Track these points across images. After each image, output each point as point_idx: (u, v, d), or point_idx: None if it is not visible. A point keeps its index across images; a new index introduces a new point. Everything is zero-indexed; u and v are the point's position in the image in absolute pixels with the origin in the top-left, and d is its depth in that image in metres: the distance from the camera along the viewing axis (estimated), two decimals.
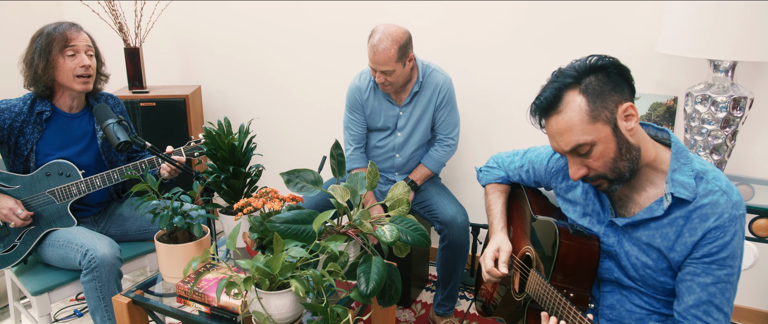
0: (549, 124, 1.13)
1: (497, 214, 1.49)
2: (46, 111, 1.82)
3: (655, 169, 1.16)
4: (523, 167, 1.49)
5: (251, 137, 1.75)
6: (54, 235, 1.78)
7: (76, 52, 1.79)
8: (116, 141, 1.58)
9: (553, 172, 1.38)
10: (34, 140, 1.80)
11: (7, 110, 1.79)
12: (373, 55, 2.01)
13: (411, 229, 1.49)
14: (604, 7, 2.22)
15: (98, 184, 1.81)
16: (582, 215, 1.30)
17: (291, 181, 1.59)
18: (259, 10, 2.87)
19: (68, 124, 1.88)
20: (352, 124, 2.29)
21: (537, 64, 2.40)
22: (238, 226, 1.37)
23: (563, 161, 1.36)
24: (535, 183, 1.48)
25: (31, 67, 1.77)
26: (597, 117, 1.08)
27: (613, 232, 1.23)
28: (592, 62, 1.11)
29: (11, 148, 1.81)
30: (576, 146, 1.10)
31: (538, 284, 1.23)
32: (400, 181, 1.53)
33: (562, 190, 1.36)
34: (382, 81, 2.08)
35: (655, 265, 1.16)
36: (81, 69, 1.79)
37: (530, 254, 1.35)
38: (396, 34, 2.00)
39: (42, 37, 1.77)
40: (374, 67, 2.05)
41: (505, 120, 2.53)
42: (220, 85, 3.11)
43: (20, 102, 1.82)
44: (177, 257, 1.57)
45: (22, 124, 1.79)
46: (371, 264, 1.43)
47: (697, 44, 1.83)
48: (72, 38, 1.78)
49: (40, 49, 1.75)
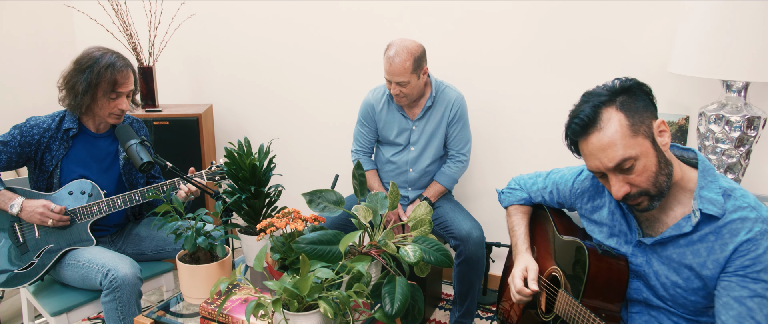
0: (588, 142, 1.13)
1: (521, 235, 1.50)
2: (73, 128, 1.85)
3: (682, 188, 1.17)
4: (546, 189, 1.50)
5: (272, 157, 1.77)
6: (73, 254, 1.78)
7: (118, 96, 1.83)
8: (139, 161, 1.60)
9: (578, 194, 1.39)
10: (60, 157, 1.82)
11: (36, 126, 1.81)
12: (389, 66, 2.08)
13: (433, 249, 1.50)
14: (615, 26, 2.25)
15: (119, 204, 1.82)
16: (608, 236, 1.31)
17: (313, 202, 1.60)
18: (269, 30, 2.90)
19: (93, 143, 1.90)
20: (361, 137, 2.39)
21: (547, 82, 2.43)
22: (266, 247, 1.37)
23: (589, 182, 1.37)
24: (558, 204, 1.49)
25: (72, 91, 1.80)
26: (637, 131, 1.10)
27: (641, 252, 1.24)
28: (619, 83, 1.13)
29: (37, 164, 1.83)
30: (621, 161, 1.10)
31: (568, 304, 1.23)
32: (422, 202, 1.54)
33: (588, 211, 1.37)
34: (397, 92, 2.14)
35: (686, 284, 1.17)
36: (117, 111, 1.84)
37: (557, 274, 1.36)
38: (411, 47, 2.08)
39: (92, 70, 1.78)
40: (390, 78, 2.12)
41: (515, 138, 2.55)
42: (231, 104, 3.13)
43: (49, 118, 1.85)
44: (200, 278, 1.57)
45: (49, 140, 1.82)
46: (395, 284, 1.43)
47: (710, 65, 1.85)
48: (121, 84, 1.82)
49: (88, 83, 1.78)
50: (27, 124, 1.82)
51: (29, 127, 1.81)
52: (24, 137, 1.79)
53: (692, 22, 1.88)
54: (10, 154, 1.78)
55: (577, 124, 1.13)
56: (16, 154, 1.79)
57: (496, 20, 2.45)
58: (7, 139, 1.78)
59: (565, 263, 1.33)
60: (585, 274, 1.21)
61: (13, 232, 1.77)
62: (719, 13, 1.79)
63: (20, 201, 1.75)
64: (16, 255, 1.76)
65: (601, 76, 2.33)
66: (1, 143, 1.78)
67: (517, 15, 2.41)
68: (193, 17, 2.97)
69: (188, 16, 2.96)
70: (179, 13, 2.93)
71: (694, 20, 1.87)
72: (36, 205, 1.74)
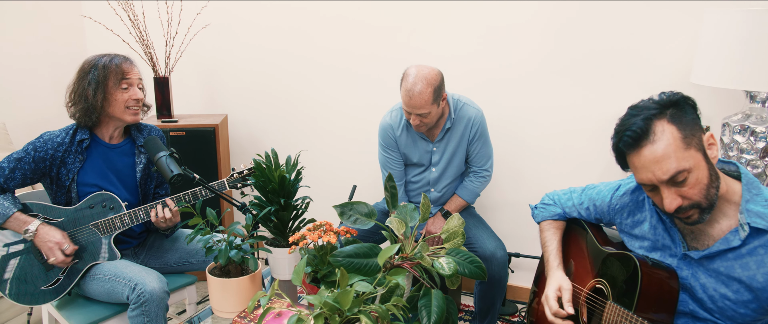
0: (641, 154, 1.12)
1: (553, 250, 1.49)
2: (85, 139, 1.82)
3: (727, 201, 1.17)
4: (582, 204, 1.50)
5: (299, 169, 1.76)
6: (98, 268, 1.76)
7: (129, 86, 1.81)
8: (169, 174, 1.58)
9: (617, 209, 1.39)
10: (76, 170, 1.80)
11: (50, 140, 1.79)
12: (409, 99, 1.99)
13: (467, 261, 1.49)
14: (633, 37, 2.26)
15: (142, 216, 1.80)
16: (651, 250, 1.31)
17: (345, 214, 1.59)
18: (283, 41, 2.91)
19: (107, 153, 1.87)
20: (391, 163, 2.28)
21: (565, 93, 2.43)
22: (303, 260, 1.36)
23: (628, 197, 1.37)
24: (596, 220, 1.49)
25: (81, 99, 1.78)
26: (689, 144, 1.10)
27: (686, 265, 1.24)
28: (666, 97, 1.14)
29: (53, 180, 1.80)
30: (675, 174, 1.10)
31: (620, 316, 1.23)
32: (455, 214, 1.53)
33: (628, 226, 1.37)
34: (418, 123, 2.07)
35: (735, 296, 1.17)
36: (133, 102, 1.82)
37: (603, 287, 1.35)
38: (430, 77, 1.98)
39: (97, 69, 1.78)
40: (409, 111, 2.03)
41: (532, 150, 2.55)
42: (245, 115, 3.13)
43: (62, 132, 1.82)
44: (231, 291, 1.55)
45: (64, 154, 1.79)
46: (431, 297, 1.43)
47: (735, 76, 1.86)
48: (127, 71, 1.81)
49: (96, 81, 1.76)
50: (40, 139, 1.79)
51: (43, 141, 1.78)
52: (38, 152, 1.76)
53: (717, 34, 1.89)
54: (25, 170, 1.75)
55: (629, 136, 1.13)
56: (31, 170, 1.76)
57: (511, 33, 2.46)
58: (22, 156, 1.75)
59: (611, 275, 1.33)
60: (637, 285, 1.20)
61: (37, 251, 1.74)
62: (745, 24, 1.80)
63: (35, 227, 1.71)
64: (41, 272, 1.74)
65: (620, 87, 2.34)
66: (16, 160, 1.75)
67: (534, 26, 2.42)
68: (208, 28, 2.97)
69: (203, 27, 2.96)
70: (195, 24, 2.93)
71: (720, 32, 1.88)
72: (50, 237, 1.70)
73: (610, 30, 2.30)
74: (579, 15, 2.33)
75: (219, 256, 1.46)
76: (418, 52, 2.64)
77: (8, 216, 1.69)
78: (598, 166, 2.46)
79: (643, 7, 2.22)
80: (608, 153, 2.38)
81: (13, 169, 1.73)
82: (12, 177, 1.74)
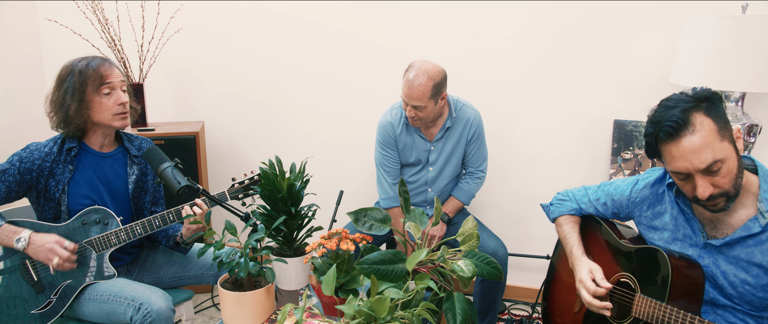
0: (680, 144, 1.18)
1: (575, 241, 1.54)
2: (73, 146, 1.71)
3: (746, 191, 1.26)
4: (599, 200, 1.55)
5: (307, 177, 1.73)
6: (94, 288, 1.65)
7: (111, 89, 1.70)
8: (177, 186, 1.51)
9: (637, 202, 1.45)
10: (66, 181, 1.68)
11: (36, 151, 1.67)
12: (407, 89, 2.03)
13: (484, 263, 1.52)
14: (613, 42, 2.36)
15: (139, 231, 1.70)
16: (671, 240, 1.38)
17: (359, 220, 1.58)
18: (261, 45, 2.84)
19: (98, 162, 1.77)
20: (387, 161, 2.28)
21: (549, 98, 2.51)
22: (333, 270, 1.34)
23: (647, 191, 1.43)
24: (613, 214, 1.54)
25: (61, 109, 1.67)
26: (724, 136, 1.17)
27: (707, 254, 1.31)
28: (699, 91, 1.21)
29: (40, 193, 1.68)
30: (712, 163, 1.16)
31: (652, 307, 1.29)
32: (470, 217, 1.55)
33: (648, 218, 1.43)
34: (413, 115, 2.10)
35: (755, 281, 1.24)
36: (119, 107, 1.71)
37: (628, 280, 1.41)
38: (432, 72, 2.03)
39: (73, 75, 1.66)
40: (407, 101, 2.07)
41: (518, 151, 2.61)
42: (222, 121, 3.03)
43: (50, 142, 1.70)
44: (245, 305, 1.50)
45: (52, 164, 1.67)
46: (454, 300, 1.44)
47: (712, 77, 1.99)
48: (107, 75, 1.69)
49: (73, 89, 1.65)
50: (27, 150, 1.67)
51: (29, 152, 1.66)
52: (23, 164, 1.64)
53: (696, 38, 2.01)
54: (9, 183, 1.63)
55: (669, 126, 1.18)
56: (16, 183, 1.64)
57: (498, 38, 2.51)
58: (6, 167, 1.63)
59: (637, 269, 1.38)
60: (669, 278, 1.27)
61: (25, 271, 1.62)
62: (722, 30, 1.93)
63: (27, 234, 1.59)
64: (31, 295, 1.62)
65: (603, 89, 2.43)
66: (0, 172, 1.63)
67: (522, 33, 2.48)
68: (181, 31, 2.86)
69: (176, 31, 2.84)
70: (168, 28, 2.81)
71: (698, 36, 2.00)
72: (46, 240, 1.59)
73: (592, 35, 2.39)
74: (564, 19, 2.41)
75: (239, 269, 1.41)
76: (404, 56, 2.65)
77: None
78: (581, 166, 2.56)
79: (624, 12, 2.32)
80: (591, 153, 2.51)
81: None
82: None
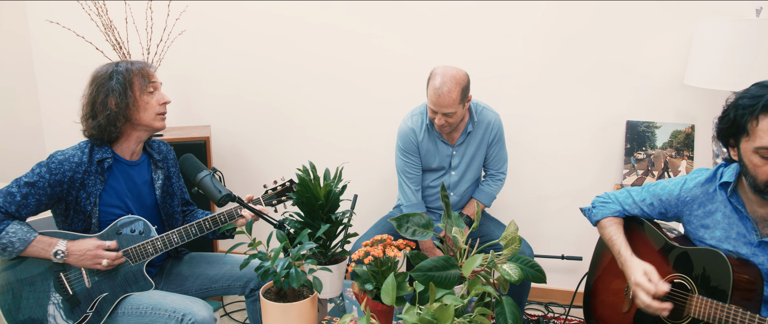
0: None
1: (622, 243, 1.56)
2: (107, 158, 1.64)
3: None
4: (644, 201, 1.57)
5: (345, 183, 1.70)
6: (130, 301, 1.59)
7: (155, 89, 1.67)
8: (219, 194, 1.47)
9: (687, 201, 1.48)
10: (98, 193, 1.61)
11: (66, 161, 1.59)
12: (437, 98, 2.00)
13: (528, 266, 1.52)
14: (626, 42, 2.40)
15: (176, 240, 1.65)
16: (724, 239, 1.41)
17: (402, 226, 1.56)
18: (271, 48, 2.80)
19: (128, 172, 1.71)
20: (410, 168, 2.25)
21: (561, 100, 2.53)
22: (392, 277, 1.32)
23: (699, 190, 1.46)
24: (659, 214, 1.57)
25: (102, 111, 1.60)
26: None
27: (761, 252, 1.35)
28: None
29: (70, 205, 1.61)
30: None
31: (711, 308, 1.32)
32: (512, 221, 1.55)
33: (699, 217, 1.46)
34: (443, 123, 2.07)
35: None
36: (162, 107, 1.68)
37: (683, 281, 1.44)
38: (458, 77, 2.02)
39: (118, 74, 1.61)
40: (436, 110, 2.04)
41: (529, 153, 2.63)
42: (226, 125, 2.97)
43: (77, 151, 1.62)
44: (292, 316, 1.47)
45: (83, 175, 1.60)
46: (504, 305, 1.44)
47: (727, 78, 2.05)
48: (151, 74, 1.67)
49: (122, 87, 1.60)
50: (54, 160, 1.59)
51: (58, 163, 1.58)
52: (53, 175, 1.56)
53: (711, 40, 2.06)
54: (39, 196, 1.55)
55: None
56: (46, 195, 1.56)
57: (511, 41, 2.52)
58: (34, 180, 1.55)
59: (692, 270, 1.41)
60: (730, 278, 1.30)
61: (59, 284, 1.55)
62: (737, 32, 1.99)
63: (64, 246, 1.53)
64: (67, 310, 1.54)
65: (615, 90, 2.47)
66: (28, 185, 1.55)
67: (533, 35, 2.49)
68: (185, 34, 2.79)
69: (180, 33, 2.77)
70: (173, 30, 2.74)
71: (714, 38, 2.05)
72: (87, 247, 1.54)
73: (604, 36, 2.42)
74: (576, 21, 2.44)
75: (291, 280, 1.37)
76: (415, 60, 2.64)
77: (30, 240, 1.50)
78: (593, 167, 2.59)
79: (637, 12, 2.36)
80: (603, 154, 2.54)
81: (25, 195, 1.53)
82: (25, 204, 1.54)
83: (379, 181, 2.83)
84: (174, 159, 1.86)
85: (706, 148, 2.42)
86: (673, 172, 2.44)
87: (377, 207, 2.71)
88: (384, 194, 2.81)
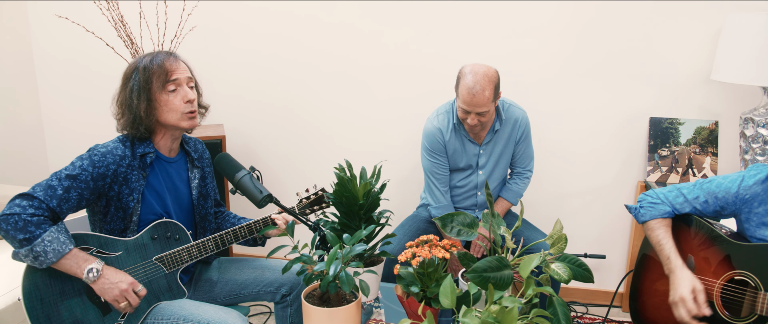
0: None
1: (672, 249, 1.53)
2: (149, 153, 1.55)
3: None
4: (698, 199, 1.54)
5: (384, 182, 1.65)
6: (161, 311, 1.51)
7: (177, 86, 1.55)
8: (259, 195, 1.40)
9: (747, 199, 1.45)
10: (141, 189, 1.51)
11: (109, 154, 1.48)
12: (471, 97, 1.94)
13: (576, 265, 1.49)
14: (651, 37, 2.37)
15: (211, 247, 1.57)
16: None
17: (446, 226, 1.52)
18: (282, 46, 2.73)
19: (167, 169, 1.62)
20: (438, 168, 2.18)
21: (583, 96, 2.50)
22: (449, 279, 1.27)
23: (759, 187, 1.43)
24: (714, 212, 1.54)
25: (129, 110, 1.51)
26: None
27: None
28: None
29: (111, 201, 1.50)
30: None
31: None
32: (557, 219, 1.51)
33: (760, 214, 1.44)
34: (475, 123, 2.01)
35: None
36: (187, 105, 1.56)
37: (745, 278, 1.41)
38: (489, 74, 1.96)
39: (137, 72, 1.52)
40: (470, 110, 1.98)
41: (550, 151, 2.59)
42: (239, 124, 2.89)
43: (119, 144, 1.53)
44: (337, 321, 1.41)
45: (127, 169, 1.50)
46: (555, 305, 1.41)
47: (756, 73, 2.03)
48: (172, 70, 1.54)
49: (139, 87, 1.51)
50: (96, 152, 1.48)
51: (101, 155, 1.47)
52: (96, 168, 1.45)
53: (739, 35, 2.04)
54: (82, 190, 1.43)
55: None
56: (89, 190, 1.45)
57: (529, 35, 2.48)
58: (76, 173, 1.43)
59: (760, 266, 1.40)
60: None
61: (91, 292, 1.46)
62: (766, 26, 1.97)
63: (99, 267, 1.42)
64: (97, 317, 1.46)
65: (640, 86, 2.44)
66: (69, 178, 1.42)
67: (553, 29, 2.46)
68: (195, 30, 2.71)
69: (190, 29, 2.69)
70: (184, 26, 2.65)
71: (742, 33, 2.03)
72: (119, 280, 1.43)
73: (628, 31, 2.39)
74: (597, 16, 2.41)
75: (341, 283, 1.32)
76: (432, 57, 2.59)
77: (64, 253, 1.37)
78: (615, 164, 2.56)
79: (662, 7, 2.34)
80: (626, 151, 2.52)
81: (67, 188, 1.41)
82: (66, 198, 1.41)
83: (397, 182, 2.78)
84: (208, 159, 1.79)
85: (731, 144, 2.41)
86: (698, 168, 2.42)
87: (396, 207, 2.66)
88: (403, 194, 2.76)
